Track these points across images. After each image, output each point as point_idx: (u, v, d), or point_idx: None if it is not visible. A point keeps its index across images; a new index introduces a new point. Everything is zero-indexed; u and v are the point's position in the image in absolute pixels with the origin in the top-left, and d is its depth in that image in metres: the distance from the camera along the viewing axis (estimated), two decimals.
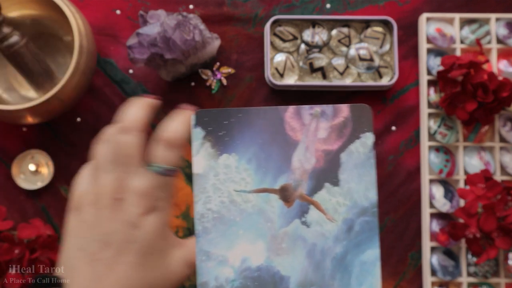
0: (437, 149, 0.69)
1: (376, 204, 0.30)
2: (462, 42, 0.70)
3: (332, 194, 0.30)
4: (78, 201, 0.31)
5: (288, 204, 0.29)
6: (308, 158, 0.30)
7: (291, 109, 0.30)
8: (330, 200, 0.29)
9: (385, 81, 0.69)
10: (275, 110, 0.30)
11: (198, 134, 0.29)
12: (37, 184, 0.68)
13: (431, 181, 0.68)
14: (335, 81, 0.69)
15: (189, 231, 0.68)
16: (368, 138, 0.30)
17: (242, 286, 0.29)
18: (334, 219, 0.29)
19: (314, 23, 0.70)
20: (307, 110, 0.30)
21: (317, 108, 0.30)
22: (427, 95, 0.69)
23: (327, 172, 0.30)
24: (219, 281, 0.29)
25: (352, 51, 0.69)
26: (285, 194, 0.29)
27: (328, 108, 0.30)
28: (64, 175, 0.68)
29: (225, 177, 0.29)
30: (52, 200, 0.68)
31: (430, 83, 0.69)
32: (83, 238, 0.29)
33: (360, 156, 0.30)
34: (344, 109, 0.30)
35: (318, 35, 0.69)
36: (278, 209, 0.29)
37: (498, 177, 0.68)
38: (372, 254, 0.29)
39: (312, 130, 0.30)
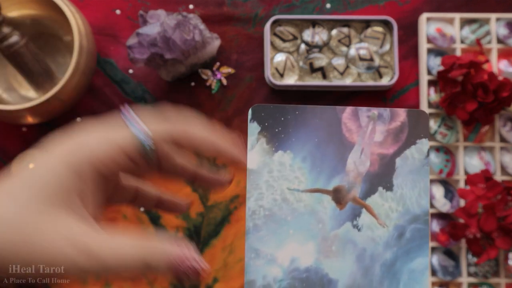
0: (437, 149, 0.68)
1: (428, 212, 0.29)
2: (462, 42, 0.70)
3: (385, 199, 0.29)
4: None
5: (341, 206, 0.29)
6: (363, 161, 0.29)
7: (348, 109, 0.30)
8: (383, 205, 0.29)
9: (385, 81, 0.69)
10: (333, 109, 0.30)
11: (254, 129, 0.29)
12: None
13: (431, 181, 0.68)
14: (335, 81, 0.69)
15: (189, 231, 0.68)
16: (424, 145, 0.30)
17: (289, 287, 0.28)
18: (385, 224, 0.29)
19: (314, 23, 0.70)
20: (364, 112, 0.30)
21: (375, 111, 0.30)
22: (427, 95, 0.69)
23: (381, 176, 0.29)
24: (267, 280, 0.28)
25: (352, 51, 0.69)
26: (338, 196, 0.29)
27: (385, 111, 0.30)
28: None
29: (278, 175, 0.29)
30: None
31: (430, 83, 0.69)
32: None
33: (415, 162, 0.30)
34: (401, 114, 0.30)
35: (318, 35, 0.69)
36: (330, 211, 0.29)
37: (498, 177, 0.68)
38: (422, 262, 0.29)
39: (368, 132, 0.30)
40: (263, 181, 0.29)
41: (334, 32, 0.70)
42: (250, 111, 0.29)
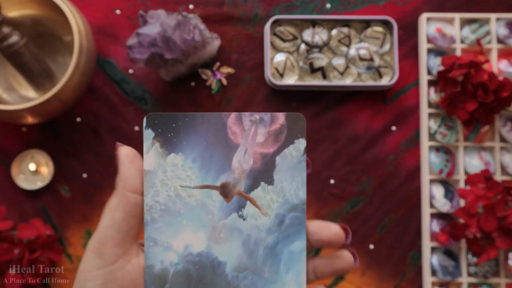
0: (437, 149, 0.68)
1: (304, 202, 0.33)
2: (462, 42, 0.70)
3: (267, 192, 0.33)
4: None
5: (227, 199, 0.33)
6: (247, 159, 0.34)
7: (233, 115, 0.34)
8: (265, 197, 0.33)
9: (385, 81, 0.69)
10: (219, 115, 0.34)
11: (149, 135, 0.33)
12: (37, 184, 0.68)
13: (431, 181, 0.68)
14: (335, 81, 0.69)
15: None
16: (301, 144, 0.34)
17: (184, 269, 0.33)
18: (267, 213, 0.33)
19: (314, 23, 0.70)
20: (247, 116, 0.34)
21: (256, 116, 0.34)
22: (427, 95, 0.69)
23: (263, 173, 0.34)
24: (164, 264, 0.33)
25: (352, 51, 0.69)
26: (225, 191, 0.33)
27: (266, 115, 0.34)
28: (64, 175, 0.68)
29: (172, 174, 0.33)
30: (52, 200, 0.68)
31: (430, 83, 0.69)
32: None
33: (293, 159, 0.34)
34: (281, 117, 0.34)
35: (318, 35, 0.69)
36: (218, 204, 0.33)
37: (498, 177, 0.68)
38: (300, 245, 0.33)
39: (251, 135, 0.34)
40: (159, 180, 0.33)
41: (334, 32, 0.70)
42: (144, 120, 0.33)
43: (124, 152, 0.32)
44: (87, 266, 0.31)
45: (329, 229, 0.33)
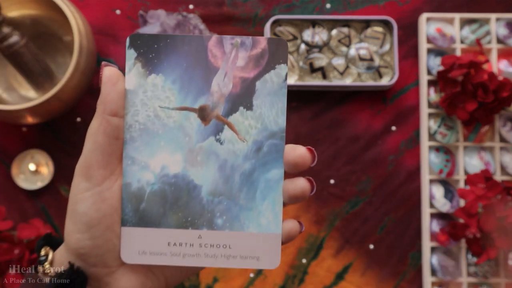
0: (437, 149, 0.69)
1: (284, 130, 0.33)
2: (462, 42, 0.70)
3: (245, 117, 0.33)
4: None
5: (205, 122, 0.33)
6: (226, 83, 0.33)
7: (214, 38, 0.33)
8: (243, 122, 0.33)
9: (385, 81, 0.69)
10: (200, 38, 0.33)
11: (131, 55, 0.33)
12: (37, 184, 0.68)
13: (431, 181, 0.68)
14: (335, 81, 0.69)
15: None
16: (283, 69, 0.33)
17: (159, 189, 0.33)
18: (245, 139, 0.33)
19: (314, 23, 0.70)
20: (228, 40, 0.33)
21: (237, 39, 0.33)
22: (427, 95, 0.69)
23: (242, 97, 0.33)
24: (141, 183, 0.33)
25: (352, 51, 0.69)
26: (203, 114, 0.33)
27: (247, 39, 0.33)
28: (64, 175, 0.68)
29: (152, 94, 0.33)
30: (52, 200, 0.68)
31: (430, 83, 0.69)
32: None
33: (274, 86, 0.33)
34: (263, 41, 0.33)
35: (318, 35, 0.69)
36: (196, 126, 0.33)
37: (498, 177, 0.68)
38: (277, 173, 0.33)
39: (231, 58, 0.33)
40: (139, 100, 0.33)
41: (334, 32, 0.70)
42: (128, 39, 0.33)
43: (107, 74, 0.32)
44: (76, 190, 0.32)
45: (295, 151, 0.33)
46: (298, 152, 0.33)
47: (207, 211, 0.33)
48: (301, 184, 0.33)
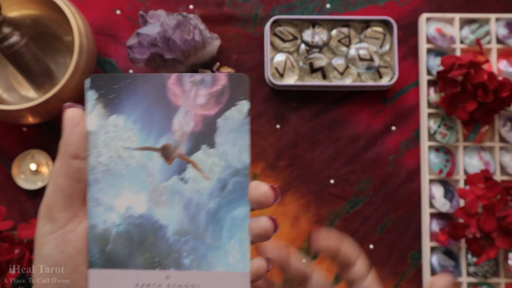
0: (437, 149, 0.69)
1: (248, 167, 0.33)
2: (462, 42, 0.70)
3: (208, 155, 0.33)
4: None
5: (168, 162, 0.33)
6: (188, 121, 0.33)
7: (173, 76, 0.33)
8: (206, 160, 0.33)
9: (385, 81, 0.69)
10: (159, 76, 0.33)
11: (91, 96, 0.33)
12: (37, 184, 0.68)
13: (431, 181, 0.68)
14: (335, 81, 0.69)
15: None
16: (244, 106, 0.33)
17: (125, 230, 0.33)
18: (209, 177, 0.33)
19: (314, 23, 0.70)
20: (188, 78, 0.33)
21: (197, 77, 0.33)
22: (427, 95, 0.69)
23: (204, 135, 0.33)
24: (106, 224, 0.33)
25: (352, 51, 0.69)
26: (165, 153, 0.33)
27: (207, 76, 0.33)
28: None
29: (113, 135, 0.33)
30: None
31: (430, 83, 0.69)
32: None
33: (236, 122, 0.33)
34: (223, 78, 0.33)
35: (318, 35, 0.69)
36: (159, 166, 0.33)
37: (498, 177, 0.68)
38: (243, 211, 0.33)
39: (192, 96, 0.33)
40: (101, 141, 0.33)
41: (334, 32, 0.70)
42: (88, 81, 0.33)
43: (69, 115, 0.33)
44: (40, 232, 0.32)
45: (258, 189, 0.32)
46: (261, 190, 0.32)
47: (174, 251, 0.33)
48: (263, 223, 0.32)
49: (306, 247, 0.69)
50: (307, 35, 0.70)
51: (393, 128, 0.70)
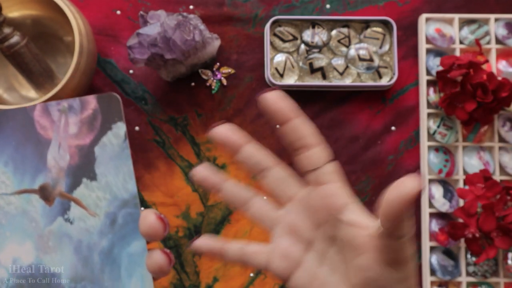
0: (437, 149, 0.69)
1: (136, 196, 0.29)
2: (461, 42, 0.70)
3: (91, 189, 0.30)
4: None
5: (49, 203, 0.30)
6: (62, 155, 0.30)
7: (38, 107, 0.30)
8: (90, 195, 0.30)
9: (385, 81, 0.69)
10: (23, 110, 0.30)
11: None
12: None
13: (431, 181, 0.68)
14: (335, 81, 0.69)
15: (189, 231, 0.68)
16: (120, 128, 0.30)
17: (16, 285, 0.29)
18: (96, 214, 0.30)
19: (314, 24, 0.70)
20: (54, 106, 0.30)
21: (64, 103, 0.31)
22: (426, 95, 0.69)
23: (83, 168, 0.30)
24: None
25: (352, 51, 0.69)
26: (45, 193, 0.30)
27: (75, 101, 0.30)
28: None
29: None
30: None
31: (430, 83, 0.70)
32: None
33: (114, 148, 0.30)
34: (92, 101, 0.30)
35: (318, 35, 0.70)
36: (40, 209, 0.29)
37: (497, 177, 0.68)
38: (139, 245, 0.29)
39: (62, 126, 0.30)
40: None
41: (333, 32, 0.70)
42: None
43: None
44: None
45: (145, 220, 0.28)
46: (148, 222, 0.28)
47: None
48: (155, 258, 0.28)
49: None
50: (307, 35, 0.70)
51: (393, 128, 0.70)
